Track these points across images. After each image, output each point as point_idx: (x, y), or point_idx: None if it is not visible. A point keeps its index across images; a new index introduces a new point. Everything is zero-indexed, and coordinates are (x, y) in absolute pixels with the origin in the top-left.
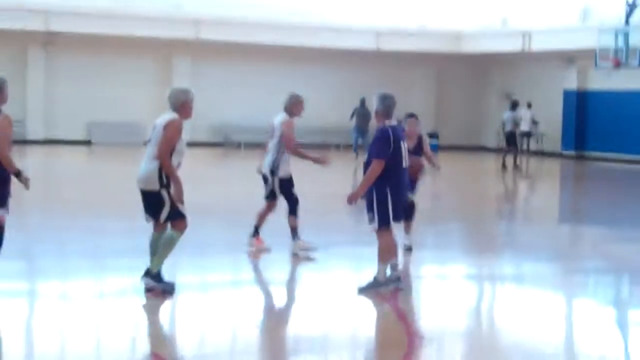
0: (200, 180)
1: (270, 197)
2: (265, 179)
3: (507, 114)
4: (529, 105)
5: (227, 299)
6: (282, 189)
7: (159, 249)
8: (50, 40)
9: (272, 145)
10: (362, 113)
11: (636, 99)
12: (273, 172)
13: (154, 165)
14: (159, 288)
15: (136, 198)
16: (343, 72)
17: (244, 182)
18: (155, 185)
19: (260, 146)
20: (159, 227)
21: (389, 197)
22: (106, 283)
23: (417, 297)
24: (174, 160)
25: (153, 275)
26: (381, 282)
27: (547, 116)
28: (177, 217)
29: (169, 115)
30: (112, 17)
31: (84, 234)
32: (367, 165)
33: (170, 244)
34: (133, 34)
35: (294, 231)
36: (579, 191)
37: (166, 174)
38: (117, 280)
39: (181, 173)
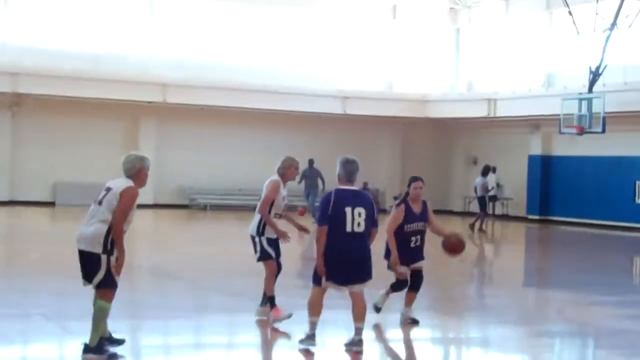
0: (165, 242)
1: (264, 257)
2: (252, 240)
3: (478, 180)
4: (494, 170)
5: None
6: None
7: (93, 321)
8: (17, 102)
9: (258, 205)
10: (310, 174)
11: (599, 165)
12: (259, 232)
13: (103, 228)
14: (104, 358)
15: None
16: (310, 135)
17: (210, 244)
18: (98, 248)
19: (226, 208)
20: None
21: (324, 258)
22: (70, 346)
23: None
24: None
25: (92, 349)
26: (308, 335)
27: (512, 181)
28: (109, 286)
29: (124, 182)
30: (79, 80)
31: (47, 297)
32: None
33: (102, 315)
34: (100, 97)
35: (265, 296)
36: (543, 255)
37: (112, 241)
38: (80, 344)
39: (145, 235)
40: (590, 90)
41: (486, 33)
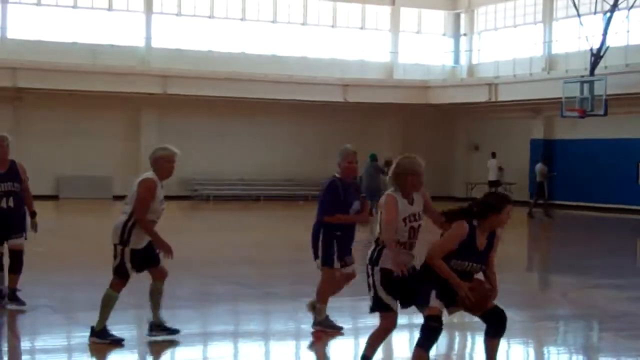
0: (169, 232)
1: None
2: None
3: (537, 165)
4: (494, 155)
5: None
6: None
7: (101, 306)
8: (18, 97)
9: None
10: (370, 172)
11: (601, 147)
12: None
13: (122, 219)
14: (106, 342)
15: (102, 251)
16: (311, 124)
17: (213, 233)
18: (116, 239)
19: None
20: (157, 275)
21: None
22: (77, 337)
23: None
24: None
25: (96, 332)
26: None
27: (514, 165)
28: (119, 276)
29: (145, 174)
30: (79, 73)
31: (53, 289)
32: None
33: (106, 302)
34: (101, 90)
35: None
36: (547, 239)
37: (130, 232)
38: (85, 334)
39: (160, 226)
40: (591, 72)
41: (486, 17)
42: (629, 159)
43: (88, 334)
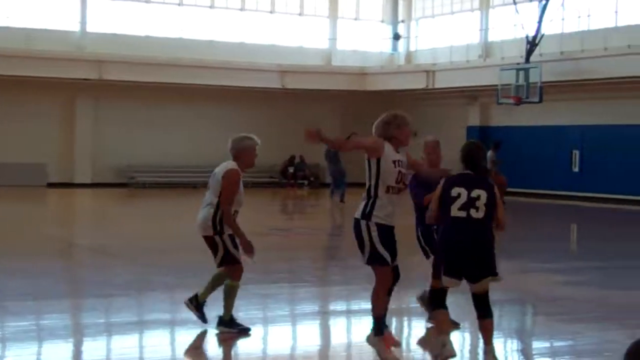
0: (104, 220)
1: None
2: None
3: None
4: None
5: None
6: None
7: (223, 298)
8: None
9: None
10: (331, 156)
11: (537, 134)
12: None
13: (210, 211)
14: (233, 332)
15: (38, 238)
16: (248, 110)
17: (148, 222)
18: (210, 231)
19: (166, 186)
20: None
21: None
22: (10, 327)
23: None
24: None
25: (224, 322)
26: None
27: (451, 153)
28: (231, 264)
29: (227, 165)
30: (12, 58)
31: None
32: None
33: (231, 293)
34: (35, 75)
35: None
36: None
37: (221, 221)
38: (18, 323)
39: (84, 214)
40: (527, 60)
41: (424, 4)
42: (563, 145)
43: (23, 323)
